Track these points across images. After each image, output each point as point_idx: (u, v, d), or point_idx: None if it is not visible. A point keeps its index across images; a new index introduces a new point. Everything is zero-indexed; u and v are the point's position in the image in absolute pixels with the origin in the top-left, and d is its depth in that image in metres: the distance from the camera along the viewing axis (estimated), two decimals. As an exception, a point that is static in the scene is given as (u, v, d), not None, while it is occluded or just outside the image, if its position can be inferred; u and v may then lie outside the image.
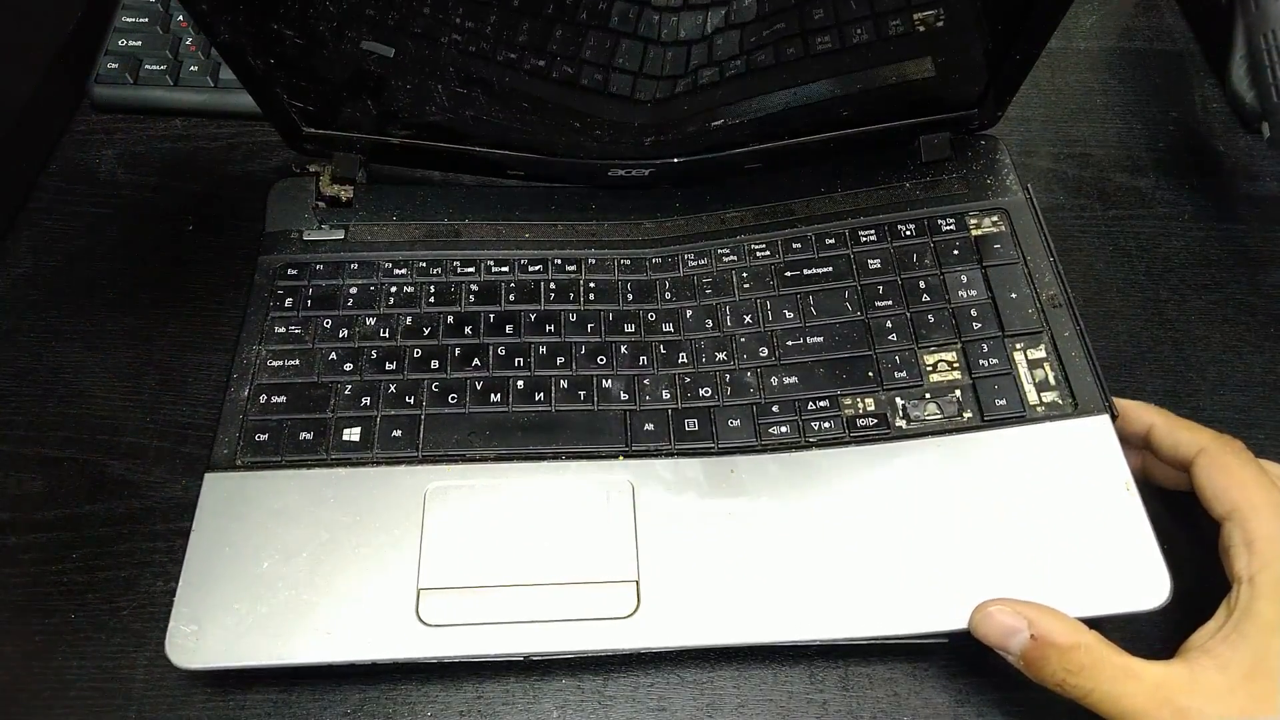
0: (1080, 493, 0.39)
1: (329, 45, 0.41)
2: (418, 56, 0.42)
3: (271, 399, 0.43)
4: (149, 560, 0.42)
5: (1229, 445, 0.38)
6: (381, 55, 0.41)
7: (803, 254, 0.47)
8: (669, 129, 0.45)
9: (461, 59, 0.42)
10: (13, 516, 0.43)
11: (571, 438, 0.42)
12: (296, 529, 0.39)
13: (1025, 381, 0.42)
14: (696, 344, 0.45)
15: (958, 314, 0.44)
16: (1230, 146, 0.55)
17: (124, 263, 0.51)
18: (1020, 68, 0.44)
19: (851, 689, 0.39)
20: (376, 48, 0.41)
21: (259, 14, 0.39)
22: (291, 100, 0.44)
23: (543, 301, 0.46)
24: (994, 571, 0.38)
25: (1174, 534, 0.40)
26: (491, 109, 0.44)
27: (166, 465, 0.45)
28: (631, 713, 0.39)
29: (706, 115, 0.45)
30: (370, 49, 0.41)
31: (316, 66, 0.42)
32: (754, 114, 0.45)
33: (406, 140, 0.47)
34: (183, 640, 0.37)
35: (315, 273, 0.47)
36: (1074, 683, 0.34)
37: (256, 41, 0.41)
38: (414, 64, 0.42)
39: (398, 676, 0.39)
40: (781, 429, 0.42)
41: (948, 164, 0.49)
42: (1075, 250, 0.51)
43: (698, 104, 0.44)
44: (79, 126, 0.56)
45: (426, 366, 0.44)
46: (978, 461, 0.40)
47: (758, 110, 0.45)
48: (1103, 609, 0.37)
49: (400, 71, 0.43)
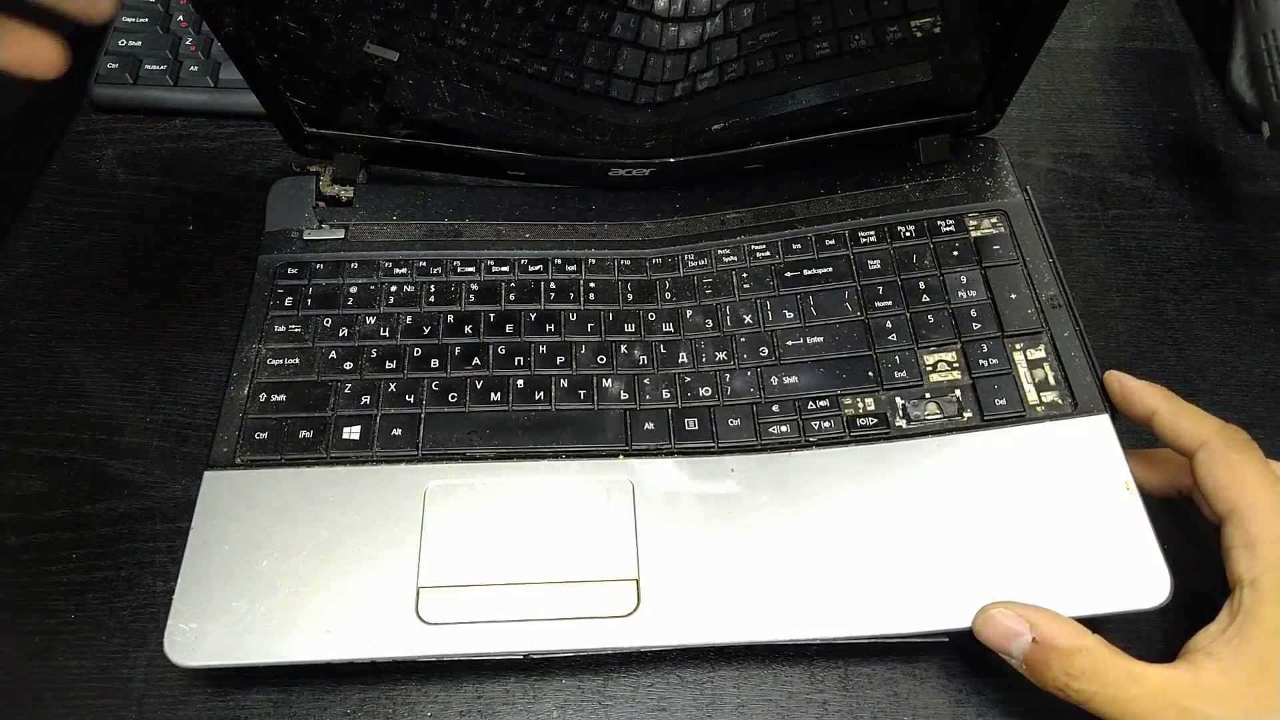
0: (1080, 492, 0.39)
1: (333, 46, 0.41)
2: (421, 59, 0.42)
3: (271, 397, 0.43)
4: (149, 560, 0.42)
5: (1233, 440, 0.37)
6: (385, 59, 0.41)
7: (803, 254, 0.47)
8: (669, 131, 0.46)
9: (464, 63, 0.42)
10: (13, 516, 0.43)
11: (571, 437, 0.42)
12: (296, 527, 0.39)
13: (1025, 381, 0.42)
14: (696, 344, 0.45)
15: (957, 314, 0.44)
16: (1230, 146, 0.55)
17: (124, 263, 0.51)
18: (1017, 69, 0.44)
19: (851, 689, 0.39)
20: (381, 51, 0.41)
21: (265, 10, 0.39)
22: (294, 99, 0.44)
23: (543, 301, 0.46)
24: (993, 571, 0.38)
25: (1174, 533, 0.40)
26: (493, 110, 0.44)
27: (166, 465, 0.45)
28: (631, 713, 0.39)
29: (707, 118, 0.45)
30: (374, 53, 0.41)
31: (320, 66, 0.42)
32: (754, 116, 0.45)
33: (408, 140, 0.47)
34: (182, 639, 0.37)
35: (315, 272, 0.47)
36: (1076, 687, 0.34)
37: (261, 38, 0.41)
38: (417, 66, 0.42)
39: (398, 676, 0.39)
40: (781, 429, 0.42)
41: (947, 166, 0.49)
42: (1075, 250, 0.51)
43: (698, 108, 0.44)
44: (79, 126, 0.56)
45: (426, 365, 0.44)
46: (977, 461, 0.40)
47: (758, 113, 0.45)
48: (1102, 608, 0.37)
49: (403, 73, 0.43)
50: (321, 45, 0.41)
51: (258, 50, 0.41)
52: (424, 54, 0.41)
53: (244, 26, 0.40)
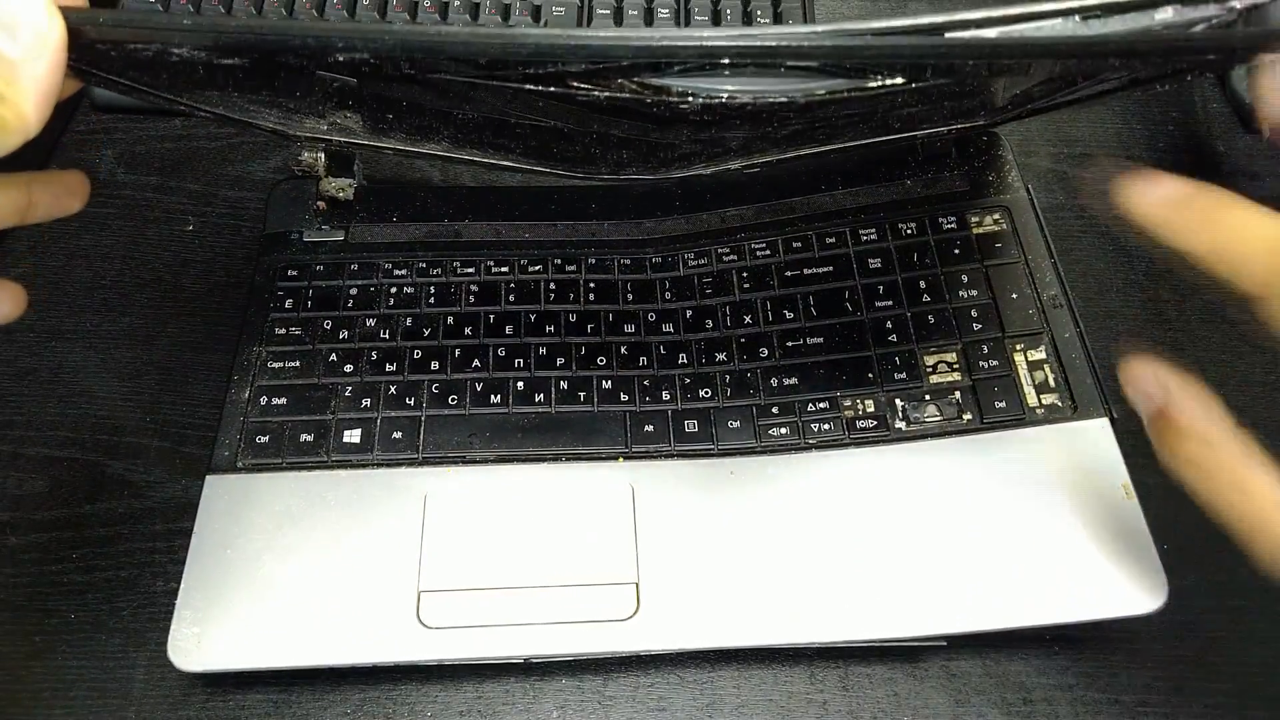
0: (1079, 495, 0.39)
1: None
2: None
3: (272, 400, 0.43)
4: (149, 560, 0.42)
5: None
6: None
7: (803, 253, 0.47)
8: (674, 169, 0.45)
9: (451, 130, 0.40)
10: (13, 516, 0.43)
11: (571, 439, 0.42)
12: (297, 531, 0.40)
13: (1025, 383, 0.42)
14: (696, 344, 0.45)
15: (958, 314, 0.44)
16: (1230, 146, 0.55)
17: (124, 263, 0.51)
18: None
19: (851, 689, 0.39)
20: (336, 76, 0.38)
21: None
22: (274, 126, 0.44)
23: (543, 302, 0.46)
24: (992, 574, 0.38)
25: (1173, 536, 0.40)
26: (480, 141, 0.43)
27: (166, 465, 0.45)
28: (631, 713, 0.39)
29: (715, 160, 0.44)
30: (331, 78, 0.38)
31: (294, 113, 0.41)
32: (761, 158, 0.45)
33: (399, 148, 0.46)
34: (185, 643, 0.37)
35: (316, 274, 0.47)
36: (1188, 474, 0.32)
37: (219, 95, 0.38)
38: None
39: (398, 677, 0.39)
40: (781, 430, 0.42)
41: (948, 161, 0.49)
42: (1075, 250, 0.51)
43: (708, 159, 0.44)
44: (79, 126, 0.56)
45: (427, 368, 0.44)
46: (977, 464, 0.40)
47: (765, 157, 0.45)
48: (1100, 613, 0.37)
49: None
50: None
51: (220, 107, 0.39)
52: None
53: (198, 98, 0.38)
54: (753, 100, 0.31)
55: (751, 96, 0.31)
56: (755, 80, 0.30)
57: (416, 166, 0.54)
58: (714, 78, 0.30)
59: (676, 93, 0.30)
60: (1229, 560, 0.31)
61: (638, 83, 0.29)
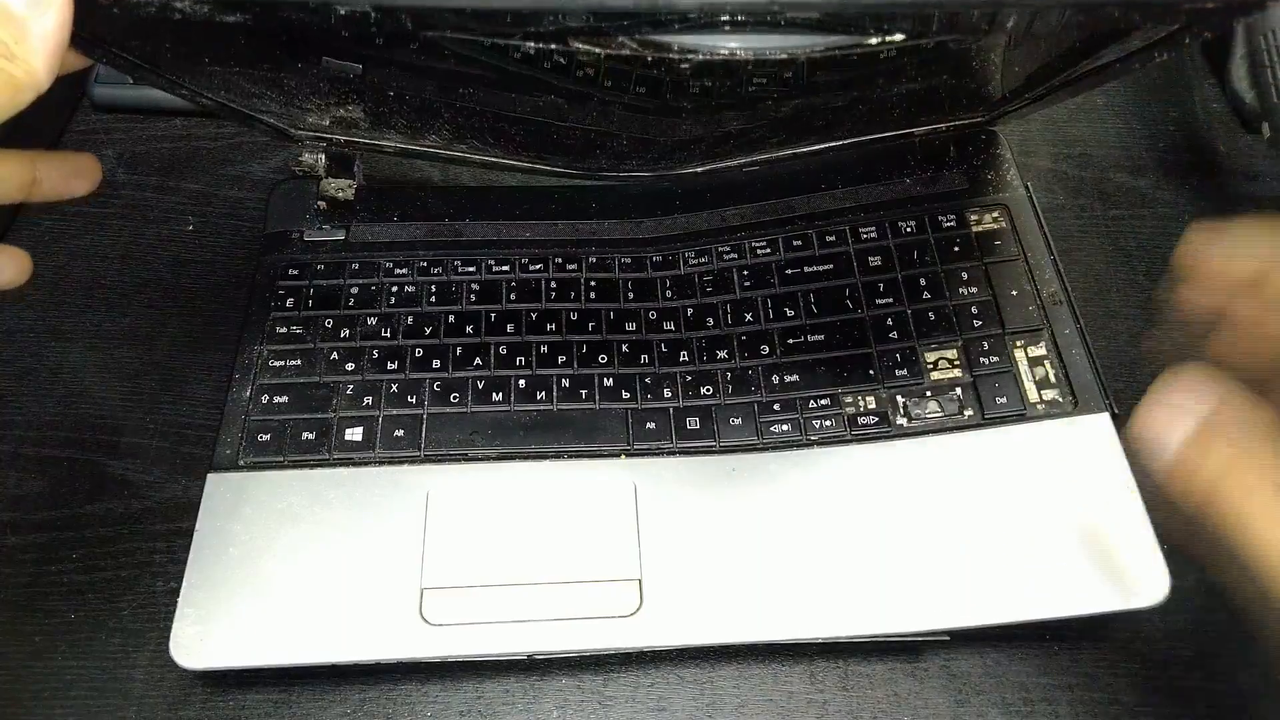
0: (1080, 490, 0.39)
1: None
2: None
3: (273, 399, 0.43)
4: (149, 560, 0.42)
5: None
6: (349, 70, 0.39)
7: (803, 251, 0.47)
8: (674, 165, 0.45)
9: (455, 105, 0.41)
10: (13, 516, 0.43)
11: (573, 437, 0.42)
12: (299, 529, 0.39)
13: (1025, 379, 0.42)
14: (697, 342, 0.45)
15: (958, 311, 0.44)
16: (1230, 146, 0.55)
17: (124, 263, 0.51)
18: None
19: (851, 689, 0.39)
20: (342, 65, 0.39)
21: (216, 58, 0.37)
22: (274, 122, 0.44)
23: (543, 300, 0.46)
24: (994, 569, 0.38)
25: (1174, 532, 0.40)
26: (484, 135, 0.44)
27: (166, 465, 0.45)
28: (631, 713, 0.39)
29: (715, 158, 0.45)
30: (337, 68, 0.39)
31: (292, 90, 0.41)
32: (761, 155, 0.45)
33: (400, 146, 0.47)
34: (187, 641, 0.37)
35: (316, 273, 0.47)
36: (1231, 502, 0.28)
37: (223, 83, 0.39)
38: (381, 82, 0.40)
39: (398, 676, 0.39)
40: (783, 427, 0.42)
41: (948, 159, 0.49)
42: (1075, 250, 0.51)
43: (707, 155, 0.44)
44: (79, 126, 0.56)
45: (428, 366, 0.44)
46: (978, 460, 0.40)
47: (765, 153, 0.45)
48: (1101, 607, 0.37)
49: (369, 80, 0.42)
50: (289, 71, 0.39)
51: (223, 96, 0.40)
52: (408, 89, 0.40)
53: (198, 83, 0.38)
54: (754, 58, 0.31)
55: (753, 53, 0.31)
56: (756, 37, 0.30)
57: (416, 166, 0.54)
58: (715, 34, 0.30)
59: (677, 50, 0.30)
60: (1229, 560, 0.30)
61: (639, 39, 0.29)
